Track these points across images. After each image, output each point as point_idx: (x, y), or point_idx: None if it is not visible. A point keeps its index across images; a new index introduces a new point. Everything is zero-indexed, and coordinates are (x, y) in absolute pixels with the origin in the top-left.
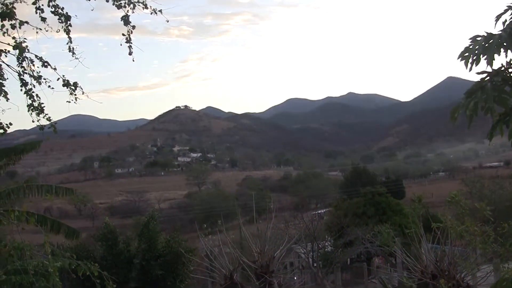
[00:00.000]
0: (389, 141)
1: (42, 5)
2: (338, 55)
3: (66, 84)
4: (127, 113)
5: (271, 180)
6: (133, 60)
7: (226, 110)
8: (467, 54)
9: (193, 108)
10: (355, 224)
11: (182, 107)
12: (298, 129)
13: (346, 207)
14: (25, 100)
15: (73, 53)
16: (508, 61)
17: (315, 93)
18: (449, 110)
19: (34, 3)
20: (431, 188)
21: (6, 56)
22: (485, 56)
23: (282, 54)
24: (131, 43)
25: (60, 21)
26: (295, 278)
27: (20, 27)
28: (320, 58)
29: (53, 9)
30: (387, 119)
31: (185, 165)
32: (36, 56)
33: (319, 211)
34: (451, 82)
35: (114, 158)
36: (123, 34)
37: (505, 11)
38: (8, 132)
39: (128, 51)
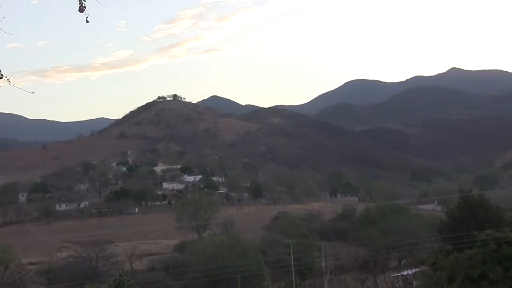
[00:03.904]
0: None
1: None
2: (432, 16)
3: None
4: (77, 110)
5: (321, 219)
6: (87, 21)
7: (243, 103)
8: None
9: (188, 100)
10: None
11: (168, 98)
12: (365, 131)
13: (452, 265)
14: None
15: None
16: None
17: (394, 72)
18: None
19: None
20: None
21: None
22: None
23: (337, 12)
24: None
25: None
26: None
27: None
28: (403, 19)
29: None
30: None
31: (174, 196)
32: None
33: (405, 272)
34: None
35: (54, 186)
36: None
37: None
38: None
39: (77, 5)
